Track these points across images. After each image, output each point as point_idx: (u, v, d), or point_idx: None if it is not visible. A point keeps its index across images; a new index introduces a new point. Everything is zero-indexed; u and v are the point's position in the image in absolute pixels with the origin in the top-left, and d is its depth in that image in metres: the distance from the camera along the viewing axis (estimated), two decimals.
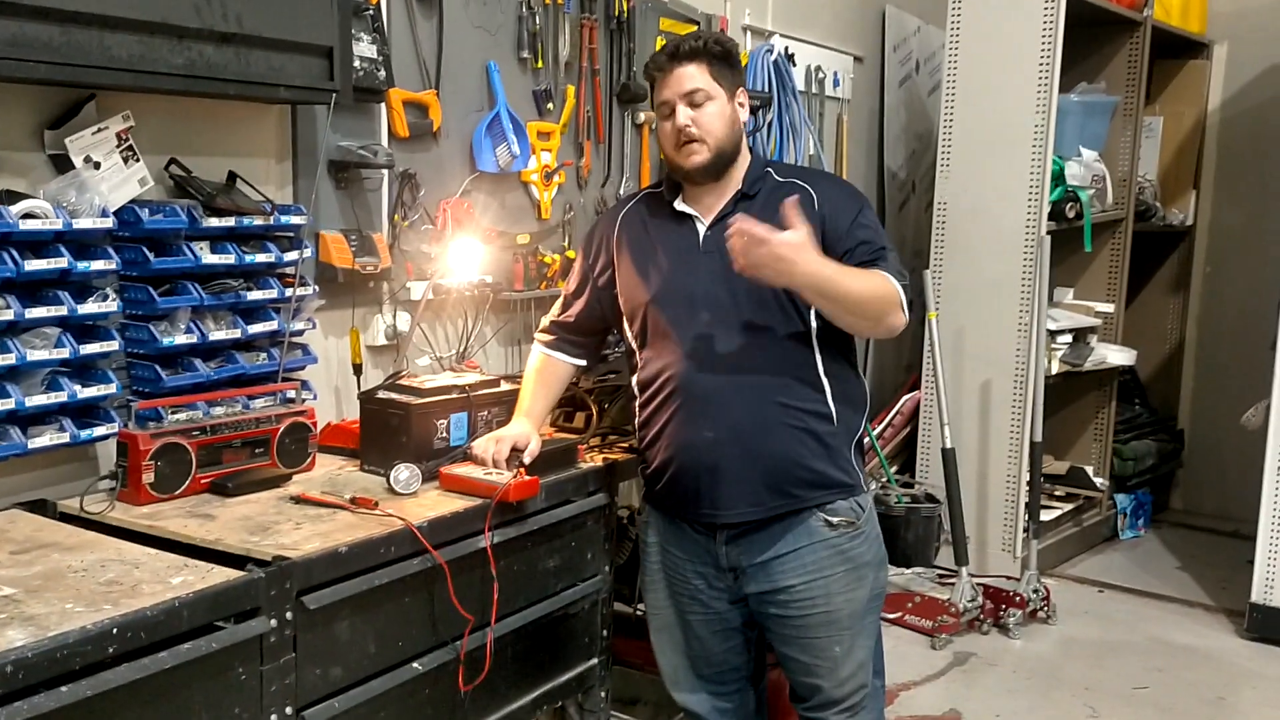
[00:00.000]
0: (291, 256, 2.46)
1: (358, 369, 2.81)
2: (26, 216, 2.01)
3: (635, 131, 3.67)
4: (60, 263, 2.05)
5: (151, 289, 2.23)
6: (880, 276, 2.12)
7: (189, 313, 2.30)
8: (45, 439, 2.09)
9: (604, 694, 2.63)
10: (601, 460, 2.57)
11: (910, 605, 4.05)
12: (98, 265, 2.12)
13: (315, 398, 2.56)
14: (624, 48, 3.56)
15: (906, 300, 2.14)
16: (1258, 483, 4.03)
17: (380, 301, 2.90)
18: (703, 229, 2.23)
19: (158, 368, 2.26)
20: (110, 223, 2.14)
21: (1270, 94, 5.37)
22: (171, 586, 1.72)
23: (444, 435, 2.41)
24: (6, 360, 2.00)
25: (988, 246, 4.42)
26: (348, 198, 2.78)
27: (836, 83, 4.80)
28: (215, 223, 2.31)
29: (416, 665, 2.10)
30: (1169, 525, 5.47)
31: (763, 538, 2.21)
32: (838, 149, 4.85)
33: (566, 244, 3.41)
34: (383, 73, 2.71)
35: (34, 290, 2.06)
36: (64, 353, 2.09)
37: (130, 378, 2.29)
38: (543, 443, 2.37)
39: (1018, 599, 4.06)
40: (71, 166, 2.14)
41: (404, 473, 2.24)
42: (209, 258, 2.30)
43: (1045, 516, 4.53)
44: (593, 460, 2.57)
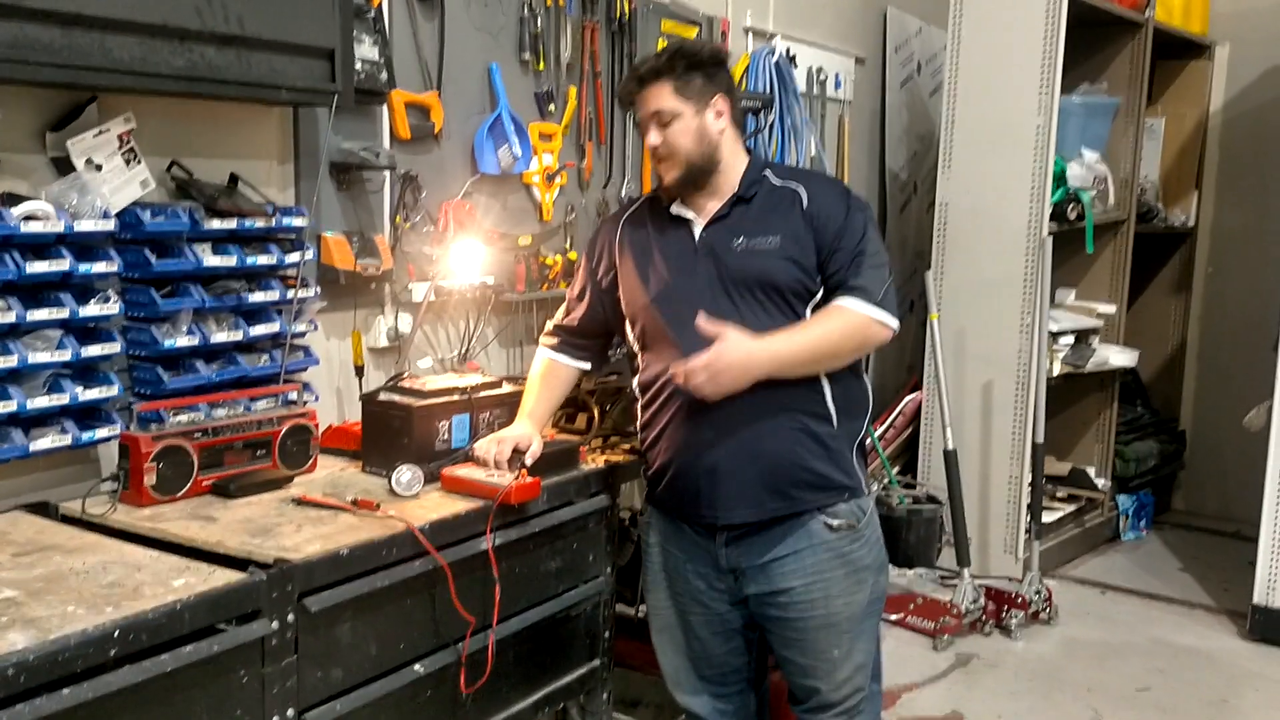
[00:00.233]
0: (293, 258, 2.47)
1: (359, 371, 2.81)
2: (28, 219, 2.02)
3: (637, 133, 3.67)
4: (62, 265, 2.05)
5: (153, 291, 2.23)
6: (839, 312, 2.13)
7: (191, 315, 2.30)
8: (47, 441, 2.10)
9: (606, 696, 2.63)
10: (603, 462, 2.57)
11: (912, 606, 4.04)
12: (99, 267, 2.12)
13: (317, 399, 2.56)
14: (625, 50, 3.56)
15: (894, 302, 2.15)
16: (1259, 484, 4.02)
17: (382, 303, 2.91)
18: (698, 231, 2.24)
19: (159, 370, 2.26)
20: (112, 225, 2.14)
21: (1272, 95, 5.36)
22: (173, 589, 1.72)
23: (446, 437, 2.41)
24: (8, 362, 2.01)
25: (989, 248, 4.41)
26: (349, 199, 2.78)
27: (838, 84, 4.79)
28: (217, 225, 2.32)
29: (418, 667, 2.10)
30: (1171, 526, 5.46)
31: (762, 539, 2.21)
32: (839, 150, 4.84)
33: (568, 245, 3.41)
34: (384, 74, 2.71)
35: (36, 292, 2.07)
36: (66, 355, 2.09)
37: (132, 380, 2.29)
38: (544, 444, 2.38)
39: (1020, 600, 4.06)
40: (73, 169, 2.14)
41: (406, 474, 2.24)
42: (211, 260, 2.31)
43: (1047, 518, 4.53)
44: (594, 462, 2.57)
